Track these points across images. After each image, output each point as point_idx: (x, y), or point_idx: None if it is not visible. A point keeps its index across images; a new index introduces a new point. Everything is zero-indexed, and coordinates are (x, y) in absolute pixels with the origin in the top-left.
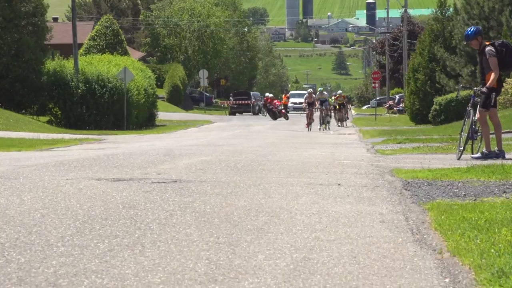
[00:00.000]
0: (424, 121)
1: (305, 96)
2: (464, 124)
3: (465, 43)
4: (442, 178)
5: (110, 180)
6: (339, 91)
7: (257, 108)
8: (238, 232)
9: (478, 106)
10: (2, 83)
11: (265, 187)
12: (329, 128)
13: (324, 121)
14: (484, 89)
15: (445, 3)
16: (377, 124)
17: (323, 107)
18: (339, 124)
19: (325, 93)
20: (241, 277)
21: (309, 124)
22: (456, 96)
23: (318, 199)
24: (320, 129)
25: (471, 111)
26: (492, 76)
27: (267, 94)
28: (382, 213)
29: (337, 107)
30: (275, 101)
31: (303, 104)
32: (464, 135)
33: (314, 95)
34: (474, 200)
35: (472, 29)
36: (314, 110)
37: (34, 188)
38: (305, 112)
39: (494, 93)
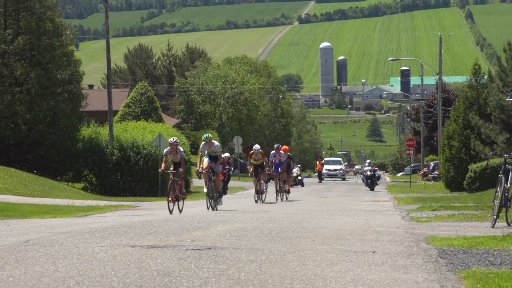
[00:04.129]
0: (459, 189)
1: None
2: (496, 192)
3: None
4: (477, 246)
5: (145, 247)
6: (256, 146)
7: None
8: None
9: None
10: (37, 150)
11: (300, 254)
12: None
13: (282, 189)
14: None
15: (480, 70)
16: (412, 191)
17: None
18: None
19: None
20: None
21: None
22: (487, 164)
23: (353, 267)
24: (276, 198)
25: (503, 178)
26: None
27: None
28: (417, 281)
29: (251, 168)
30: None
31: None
32: (497, 202)
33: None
34: (511, 268)
35: None
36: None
37: (69, 255)
38: (336, 179)
39: None
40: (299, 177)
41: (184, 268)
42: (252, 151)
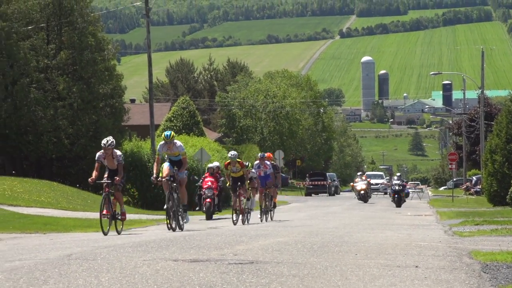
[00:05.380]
0: (502, 203)
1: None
2: None
3: None
4: None
5: (187, 261)
6: (233, 152)
7: (333, 189)
8: None
9: None
10: (80, 164)
11: (342, 269)
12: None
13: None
14: None
15: None
16: (455, 206)
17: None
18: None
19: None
20: None
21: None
22: None
23: (395, 281)
24: (261, 219)
25: None
26: None
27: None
28: None
29: (228, 183)
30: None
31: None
32: None
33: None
34: None
35: None
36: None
37: (112, 269)
38: (378, 193)
39: None
40: (362, 192)
41: (226, 282)
42: (228, 161)
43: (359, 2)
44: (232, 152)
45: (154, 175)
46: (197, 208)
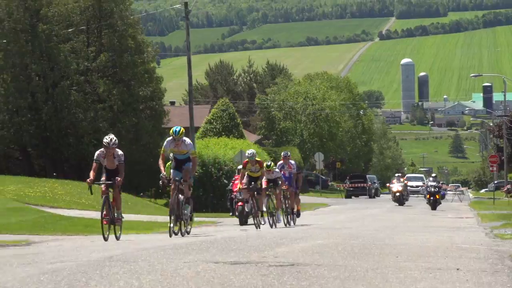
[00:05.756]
0: None
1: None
2: None
3: None
4: None
5: (228, 263)
6: (251, 151)
7: (373, 191)
8: None
9: None
10: None
11: (383, 272)
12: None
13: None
14: None
15: None
16: (496, 208)
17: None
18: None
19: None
20: None
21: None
22: None
23: (437, 284)
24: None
25: None
26: None
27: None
28: None
29: (241, 184)
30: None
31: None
32: None
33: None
34: None
35: None
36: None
37: (153, 271)
38: (419, 195)
39: None
40: (398, 194)
41: (267, 284)
42: (246, 160)
43: (399, 4)
44: (250, 151)
45: (163, 173)
46: (230, 214)
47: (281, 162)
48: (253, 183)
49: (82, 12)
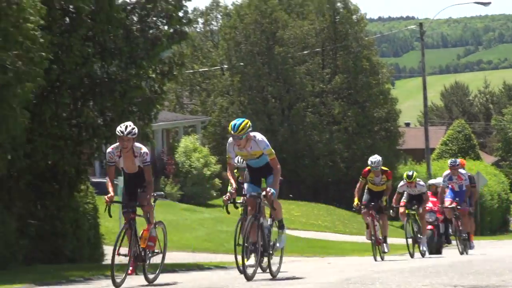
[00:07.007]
0: None
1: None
2: None
3: None
4: None
5: (466, 287)
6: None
7: None
8: None
9: None
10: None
11: None
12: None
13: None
14: None
15: None
16: None
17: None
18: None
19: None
20: None
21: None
22: None
23: None
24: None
25: None
26: None
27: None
28: None
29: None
30: None
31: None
32: None
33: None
34: None
35: None
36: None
37: None
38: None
39: None
40: None
41: None
42: (368, 168)
43: None
44: (375, 157)
45: (231, 189)
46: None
47: (447, 172)
48: (375, 199)
49: (317, 34)
